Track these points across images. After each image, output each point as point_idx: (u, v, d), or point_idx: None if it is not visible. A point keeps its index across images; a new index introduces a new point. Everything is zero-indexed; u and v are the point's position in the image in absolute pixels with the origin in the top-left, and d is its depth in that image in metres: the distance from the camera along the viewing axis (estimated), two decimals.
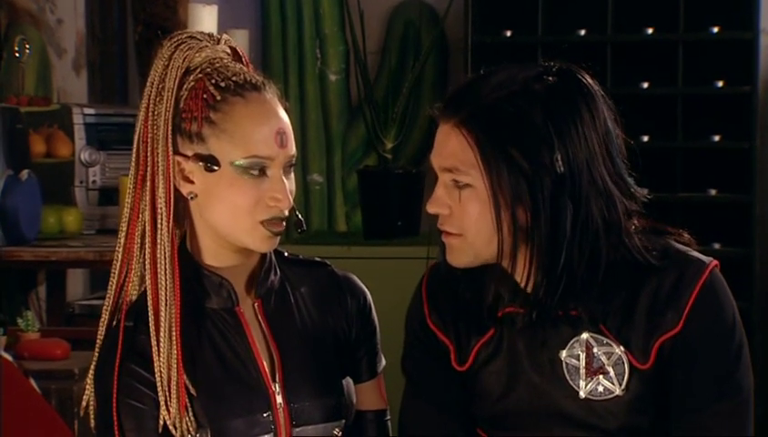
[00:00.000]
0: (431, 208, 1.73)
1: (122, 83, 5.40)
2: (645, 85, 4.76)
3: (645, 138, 4.70)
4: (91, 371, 1.75)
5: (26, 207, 3.69)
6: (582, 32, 4.80)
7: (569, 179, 1.67)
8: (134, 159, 1.74)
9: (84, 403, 1.75)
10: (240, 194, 1.70)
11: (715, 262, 1.75)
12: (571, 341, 1.73)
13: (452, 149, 1.70)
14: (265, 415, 1.73)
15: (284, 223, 1.73)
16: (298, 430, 1.74)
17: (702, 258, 1.75)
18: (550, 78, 1.71)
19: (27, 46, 4.40)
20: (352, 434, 1.82)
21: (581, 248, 1.68)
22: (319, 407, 1.76)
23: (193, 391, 1.70)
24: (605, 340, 1.72)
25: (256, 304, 1.78)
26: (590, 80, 1.73)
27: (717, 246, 4.68)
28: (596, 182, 1.68)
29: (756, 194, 4.64)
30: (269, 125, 1.71)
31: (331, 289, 1.84)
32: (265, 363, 1.75)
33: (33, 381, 2.77)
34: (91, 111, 4.41)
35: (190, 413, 1.69)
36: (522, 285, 1.72)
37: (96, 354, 1.75)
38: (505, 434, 1.78)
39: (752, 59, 4.63)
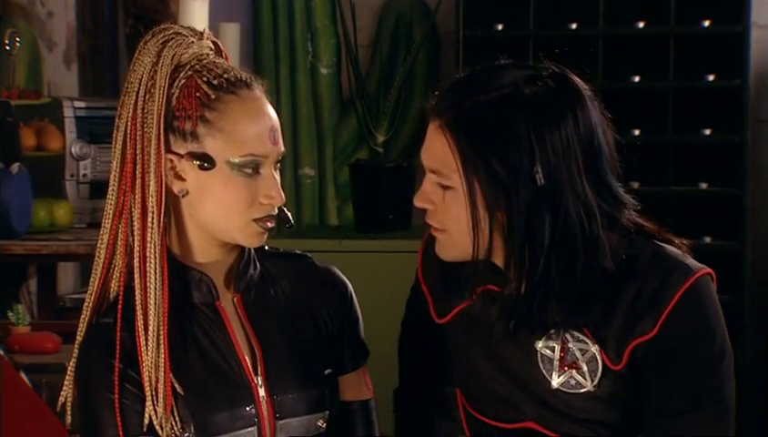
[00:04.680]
0: (418, 202, 1.75)
1: (113, 76, 5.39)
2: (636, 78, 4.76)
3: (636, 132, 4.71)
4: (71, 368, 1.74)
5: (17, 200, 3.69)
6: (574, 26, 4.80)
7: (549, 191, 1.67)
8: (118, 157, 1.72)
9: (61, 400, 1.74)
10: (235, 193, 1.70)
11: (706, 271, 1.72)
12: (548, 332, 1.74)
13: (436, 152, 1.71)
14: (248, 409, 1.73)
15: (275, 219, 1.73)
16: (281, 422, 1.74)
17: (690, 265, 1.72)
18: (542, 82, 1.69)
19: (18, 39, 4.39)
20: (338, 425, 1.82)
21: (557, 259, 1.68)
22: (303, 399, 1.76)
23: (180, 391, 1.69)
24: (581, 337, 1.72)
25: (236, 298, 1.78)
26: (582, 85, 1.72)
27: (708, 239, 4.69)
28: (577, 193, 1.67)
29: (747, 187, 4.65)
30: (263, 122, 1.72)
31: (312, 281, 1.84)
32: (246, 357, 1.75)
33: (23, 375, 2.77)
34: (82, 104, 4.40)
35: (175, 413, 1.69)
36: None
37: (77, 351, 1.73)
38: (482, 411, 1.81)
39: (744, 53, 4.63)
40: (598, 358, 1.71)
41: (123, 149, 1.72)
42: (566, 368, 1.72)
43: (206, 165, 1.70)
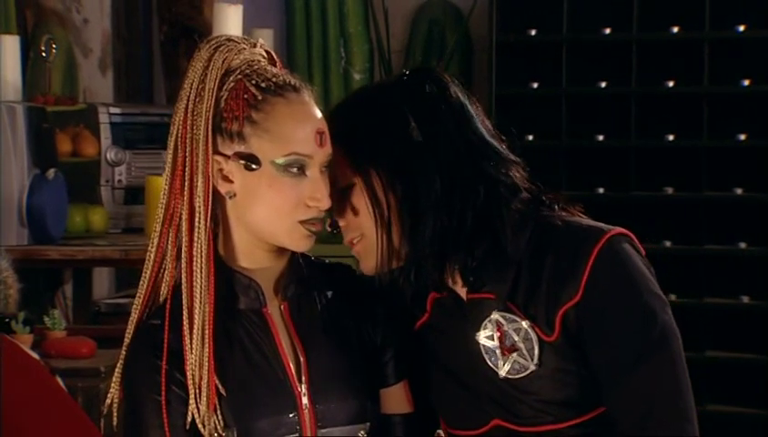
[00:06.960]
0: (336, 216, 1.80)
1: (147, 82, 5.42)
2: (671, 83, 4.75)
3: (671, 137, 4.69)
4: (118, 370, 1.75)
5: (53, 205, 3.71)
6: (607, 30, 4.79)
7: (429, 148, 1.74)
8: (170, 160, 1.74)
9: (108, 401, 1.76)
10: (280, 194, 1.71)
11: (617, 230, 1.75)
12: (484, 323, 1.77)
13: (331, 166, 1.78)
14: (291, 416, 1.73)
15: (321, 222, 1.75)
16: (323, 431, 1.74)
17: (601, 227, 1.76)
18: (402, 76, 1.83)
19: (54, 46, 4.42)
20: None
21: (448, 214, 1.72)
22: (345, 409, 1.76)
23: (223, 391, 1.70)
24: (512, 317, 1.75)
25: (282, 306, 1.78)
26: (440, 73, 1.82)
27: (743, 245, 4.66)
28: (456, 147, 1.75)
29: None
30: (310, 124, 1.73)
31: (357, 292, 1.84)
32: (291, 365, 1.75)
33: (59, 379, 2.78)
34: (117, 110, 4.42)
35: (219, 412, 1.69)
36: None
37: (124, 352, 1.75)
38: (456, 425, 1.83)
39: None
40: (531, 333, 1.74)
41: (174, 153, 1.74)
42: (507, 353, 1.75)
43: (252, 166, 1.71)
